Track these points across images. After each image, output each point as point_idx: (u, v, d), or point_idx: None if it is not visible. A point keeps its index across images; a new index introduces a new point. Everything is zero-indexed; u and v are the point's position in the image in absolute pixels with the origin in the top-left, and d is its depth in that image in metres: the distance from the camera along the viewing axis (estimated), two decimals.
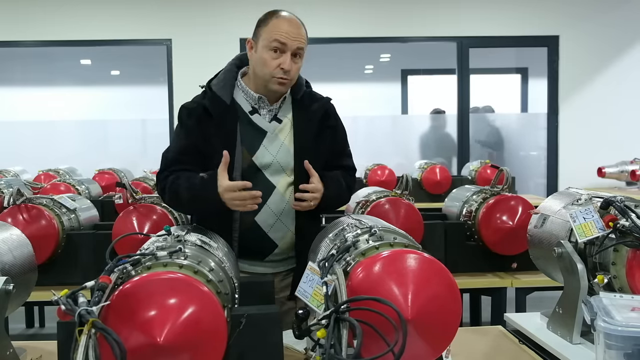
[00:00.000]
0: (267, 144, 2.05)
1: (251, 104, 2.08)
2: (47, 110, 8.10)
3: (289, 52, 1.97)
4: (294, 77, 2.03)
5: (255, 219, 2.04)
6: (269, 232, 2.06)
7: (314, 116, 2.09)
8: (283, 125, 2.08)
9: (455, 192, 3.33)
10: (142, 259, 1.29)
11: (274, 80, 1.99)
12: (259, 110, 2.08)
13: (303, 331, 1.19)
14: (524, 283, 2.87)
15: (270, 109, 2.09)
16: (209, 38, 6.47)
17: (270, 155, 2.05)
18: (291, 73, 1.99)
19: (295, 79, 2.07)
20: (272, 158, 2.05)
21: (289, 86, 2.06)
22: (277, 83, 2.00)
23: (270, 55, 1.97)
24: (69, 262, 2.84)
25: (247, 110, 2.07)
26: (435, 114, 7.29)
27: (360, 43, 7.05)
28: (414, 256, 1.28)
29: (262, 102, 2.07)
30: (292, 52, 1.97)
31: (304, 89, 2.13)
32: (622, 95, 6.71)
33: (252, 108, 2.08)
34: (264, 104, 2.08)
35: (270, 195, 2.04)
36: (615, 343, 1.28)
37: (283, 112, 2.10)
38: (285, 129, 2.08)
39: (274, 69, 1.97)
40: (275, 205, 2.05)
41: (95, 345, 0.99)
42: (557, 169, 6.79)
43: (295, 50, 1.97)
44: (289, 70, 1.97)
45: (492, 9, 6.72)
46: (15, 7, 6.44)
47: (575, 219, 1.70)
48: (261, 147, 2.04)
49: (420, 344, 1.24)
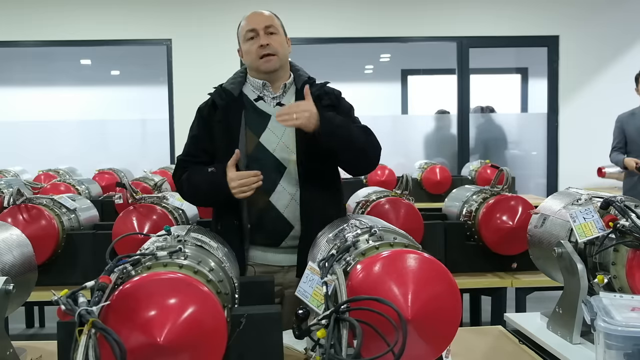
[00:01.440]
0: (273, 126, 2.16)
1: (257, 93, 2.22)
2: (47, 110, 8.10)
3: (262, 32, 2.15)
4: (278, 50, 2.16)
5: (270, 199, 2.13)
6: (284, 212, 2.14)
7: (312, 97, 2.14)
8: None
9: (455, 192, 3.33)
10: (142, 259, 1.29)
11: (261, 61, 2.15)
12: (264, 98, 2.22)
13: (303, 331, 1.19)
14: (524, 283, 2.87)
15: (275, 96, 2.22)
16: (209, 38, 6.47)
17: (276, 137, 2.16)
18: (272, 47, 2.14)
19: (283, 54, 2.18)
20: (277, 140, 2.15)
21: (279, 62, 2.17)
22: (264, 61, 2.15)
23: (249, 44, 2.18)
24: (69, 262, 2.84)
25: (253, 99, 2.22)
26: (441, 114, 7.29)
27: (360, 43, 7.06)
28: (414, 256, 1.28)
29: (266, 89, 2.21)
30: (263, 31, 2.15)
31: (305, 79, 2.25)
32: (622, 95, 6.70)
33: (258, 96, 2.22)
34: (268, 92, 2.21)
35: (283, 175, 2.14)
36: (615, 343, 1.28)
37: (287, 99, 2.23)
38: None
39: (256, 51, 2.15)
40: (288, 185, 2.14)
41: (95, 345, 0.99)
42: (557, 169, 6.79)
43: (264, 29, 2.15)
44: (266, 44, 2.13)
45: (492, 9, 6.72)
46: (15, 7, 6.44)
47: (575, 219, 1.70)
48: (267, 129, 2.17)
49: (420, 344, 1.24)
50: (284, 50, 2.19)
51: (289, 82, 2.23)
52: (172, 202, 2.92)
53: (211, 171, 2.09)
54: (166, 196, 2.95)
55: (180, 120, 6.50)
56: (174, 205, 2.91)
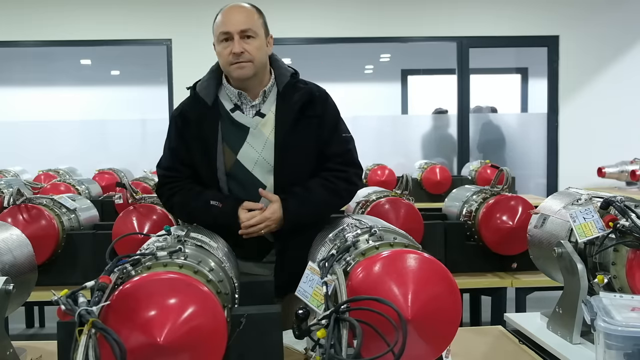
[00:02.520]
0: (252, 140, 2.02)
1: (234, 102, 2.05)
2: (47, 110, 8.09)
3: (236, 37, 1.95)
4: (254, 58, 1.97)
5: None
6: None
7: (294, 106, 2.01)
8: (266, 119, 2.03)
9: (455, 192, 3.33)
10: (142, 259, 1.29)
11: (232, 68, 1.97)
12: (242, 107, 2.05)
13: (303, 331, 1.19)
14: (524, 283, 2.87)
15: (253, 105, 2.04)
16: (209, 38, 6.42)
17: (255, 152, 2.01)
18: (247, 54, 1.95)
19: (260, 60, 1.99)
20: (257, 155, 2.01)
21: (253, 69, 1.98)
22: (235, 68, 1.97)
23: (221, 47, 1.99)
24: (69, 262, 2.84)
25: (229, 108, 2.05)
26: (438, 114, 7.29)
27: (360, 43, 7.05)
28: (414, 256, 1.28)
29: (243, 98, 2.04)
30: (239, 36, 1.96)
31: (287, 80, 2.05)
32: (622, 95, 6.71)
33: (235, 105, 2.05)
34: (246, 100, 2.04)
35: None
36: (615, 343, 1.28)
37: (267, 106, 2.04)
38: (268, 123, 2.02)
39: (227, 57, 1.96)
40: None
41: (95, 345, 0.99)
42: (557, 169, 6.79)
43: (240, 33, 1.96)
44: (239, 52, 1.94)
45: (492, 9, 6.72)
46: (15, 7, 6.44)
47: (575, 219, 1.70)
48: (245, 144, 2.02)
49: (420, 344, 1.24)
50: (261, 56, 1.99)
51: (268, 88, 2.04)
52: None
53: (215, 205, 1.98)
54: None
55: None
56: None
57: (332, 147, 2.05)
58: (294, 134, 2.00)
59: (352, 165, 2.09)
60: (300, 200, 1.99)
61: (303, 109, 2.02)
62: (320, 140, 2.04)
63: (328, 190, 2.02)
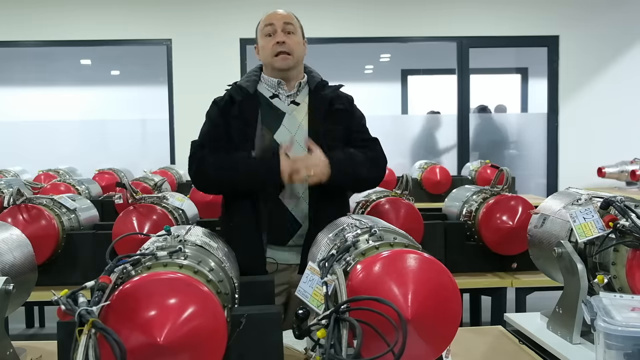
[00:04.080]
0: (287, 123, 2.22)
1: (272, 91, 2.27)
2: (47, 110, 8.10)
3: (279, 30, 2.20)
4: (294, 50, 2.21)
5: (280, 197, 2.17)
6: (293, 210, 2.18)
7: (325, 99, 2.26)
8: (300, 108, 2.25)
9: (455, 192, 3.33)
10: (142, 259, 1.29)
11: (276, 59, 2.20)
12: (279, 96, 2.26)
13: (303, 331, 1.19)
14: (524, 283, 2.87)
15: (289, 94, 2.27)
16: (209, 38, 6.47)
17: (290, 133, 2.20)
18: (288, 45, 2.19)
19: (298, 55, 2.23)
20: (291, 136, 2.20)
21: (294, 61, 2.22)
22: (279, 59, 2.20)
23: (266, 41, 2.23)
24: (69, 262, 2.84)
25: (268, 96, 2.26)
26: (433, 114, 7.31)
27: (360, 43, 7.06)
28: (414, 256, 1.28)
29: (281, 87, 2.26)
30: (281, 29, 2.20)
31: (319, 80, 2.31)
32: (622, 95, 6.72)
33: (273, 94, 2.26)
34: (283, 90, 2.26)
35: None
36: (615, 343, 1.28)
37: (300, 97, 2.28)
38: (302, 111, 2.25)
39: (272, 48, 2.20)
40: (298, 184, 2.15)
41: (95, 345, 0.99)
42: (557, 169, 6.79)
43: (283, 26, 2.21)
44: (283, 41, 2.18)
45: (492, 9, 6.72)
46: (15, 7, 6.44)
47: (575, 219, 1.70)
48: (281, 126, 2.21)
49: (420, 344, 1.24)
50: (300, 51, 2.24)
51: (303, 82, 2.28)
52: (172, 202, 2.92)
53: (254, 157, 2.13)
54: (166, 196, 2.95)
55: (180, 120, 6.51)
56: (174, 205, 2.91)
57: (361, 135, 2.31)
58: (325, 121, 2.23)
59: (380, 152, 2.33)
60: (343, 156, 2.17)
61: (333, 102, 2.26)
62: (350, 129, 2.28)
63: (366, 156, 2.24)
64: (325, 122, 2.23)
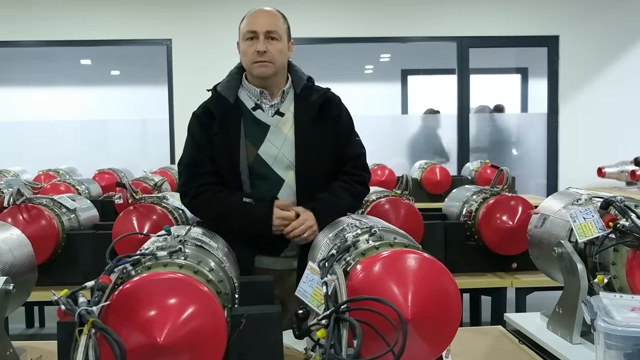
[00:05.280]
0: (271, 137, 2.12)
1: (254, 101, 2.15)
2: (47, 110, 8.10)
3: (261, 37, 2.07)
4: (275, 59, 2.08)
5: None
6: None
7: (313, 107, 2.14)
8: (285, 118, 2.14)
9: (455, 192, 3.33)
10: (142, 259, 1.29)
11: (255, 66, 2.08)
12: (262, 106, 2.15)
13: (303, 331, 1.19)
14: (524, 283, 2.87)
15: (273, 104, 2.15)
16: (209, 38, 6.47)
17: (275, 148, 2.11)
18: (269, 54, 2.06)
19: (280, 62, 2.11)
20: (277, 151, 2.11)
21: (274, 69, 2.10)
22: (258, 66, 2.08)
23: (246, 45, 2.10)
24: (69, 262, 2.84)
25: (250, 107, 2.14)
26: (429, 114, 7.31)
27: (360, 43, 7.06)
28: (414, 256, 1.28)
29: (264, 97, 2.14)
30: (264, 36, 2.07)
31: (304, 83, 2.19)
32: (622, 95, 6.71)
33: (255, 104, 2.15)
34: (266, 99, 2.15)
35: (280, 188, 2.11)
36: (615, 343, 1.28)
37: (285, 106, 2.16)
38: (287, 122, 2.14)
39: (252, 55, 2.08)
40: (287, 197, 2.11)
41: (95, 345, 0.99)
42: (557, 169, 6.79)
43: (266, 33, 2.07)
44: (263, 51, 2.05)
45: (492, 9, 6.72)
46: (15, 7, 6.44)
47: (575, 219, 1.70)
48: (265, 140, 2.12)
49: (420, 344, 1.24)
50: (282, 58, 2.11)
51: (287, 88, 2.16)
52: (172, 202, 2.92)
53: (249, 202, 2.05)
54: (166, 196, 2.95)
55: (180, 120, 6.50)
56: (174, 205, 2.91)
57: (348, 149, 2.20)
58: (313, 132, 2.13)
59: (366, 170, 2.25)
60: (330, 206, 2.08)
61: (321, 109, 2.15)
62: (338, 139, 2.17)
63: (351, 194, 2.16)
64: (313, 132, 2.12)
